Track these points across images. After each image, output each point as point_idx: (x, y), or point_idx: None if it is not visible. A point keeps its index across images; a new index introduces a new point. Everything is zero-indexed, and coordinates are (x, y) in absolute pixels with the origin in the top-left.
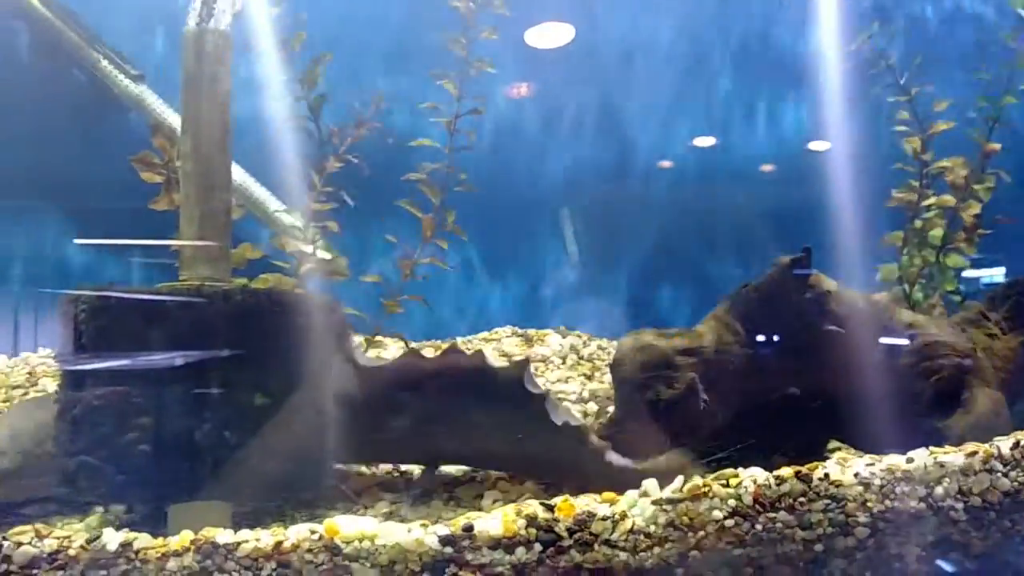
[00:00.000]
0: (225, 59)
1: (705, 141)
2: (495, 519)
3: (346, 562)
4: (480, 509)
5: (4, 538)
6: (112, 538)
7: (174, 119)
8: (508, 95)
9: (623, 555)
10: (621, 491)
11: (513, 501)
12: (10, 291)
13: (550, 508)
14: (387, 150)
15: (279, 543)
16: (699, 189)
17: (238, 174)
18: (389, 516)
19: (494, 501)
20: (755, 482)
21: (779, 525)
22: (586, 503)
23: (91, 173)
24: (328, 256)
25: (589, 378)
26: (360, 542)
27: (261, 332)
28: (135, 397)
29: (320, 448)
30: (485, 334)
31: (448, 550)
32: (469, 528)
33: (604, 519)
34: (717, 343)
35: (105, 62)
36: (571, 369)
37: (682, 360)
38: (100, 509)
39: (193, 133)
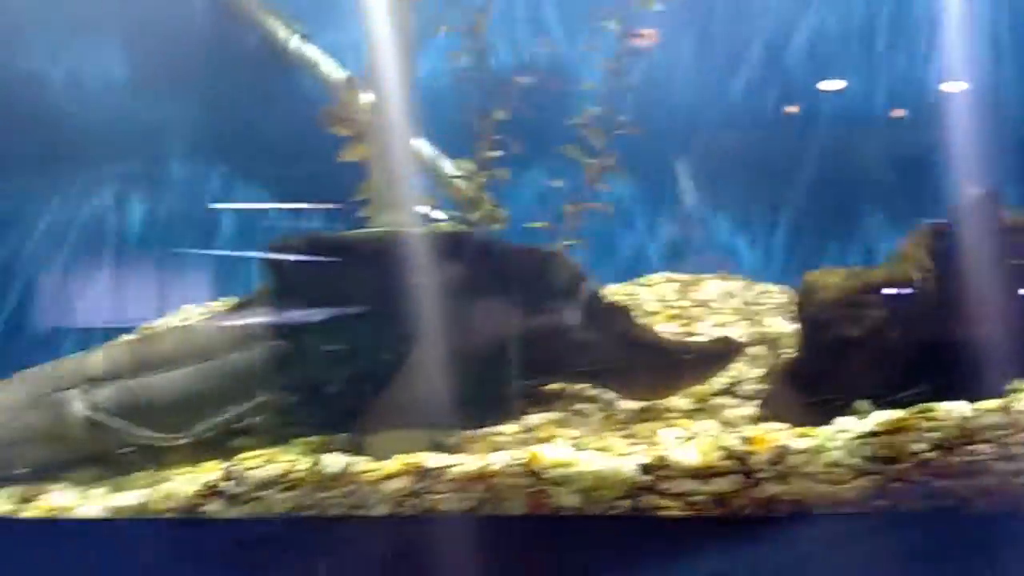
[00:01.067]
0: (407, 14)
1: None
2: (691, 450)
3: (548, 487)
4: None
5: (238, 462)
6: (334, 462)
7: (338, 77)
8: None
9: (821, 487)
10: None
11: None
12: (206, 245)
13: (746, 440)
14: (551, 95)
15: (485, 467)
16: (846, 134)
17: None
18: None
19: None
20: (956, 414)
21: (981, 457)
22: (783, 436)
23: (265, 131)
24: (491, 205)
25: (753, 322)
26: (561, 468)
27: (451, 271)
28: (342, 335)
29: (508, 378)
30: (642, 279)
31: (647, 478)
32: (664, 458)
33: (801, 452)
34: (906, 280)
35: (276, 22)
36: (733, 314)
37: (869, 298)
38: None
39: (380, 87)
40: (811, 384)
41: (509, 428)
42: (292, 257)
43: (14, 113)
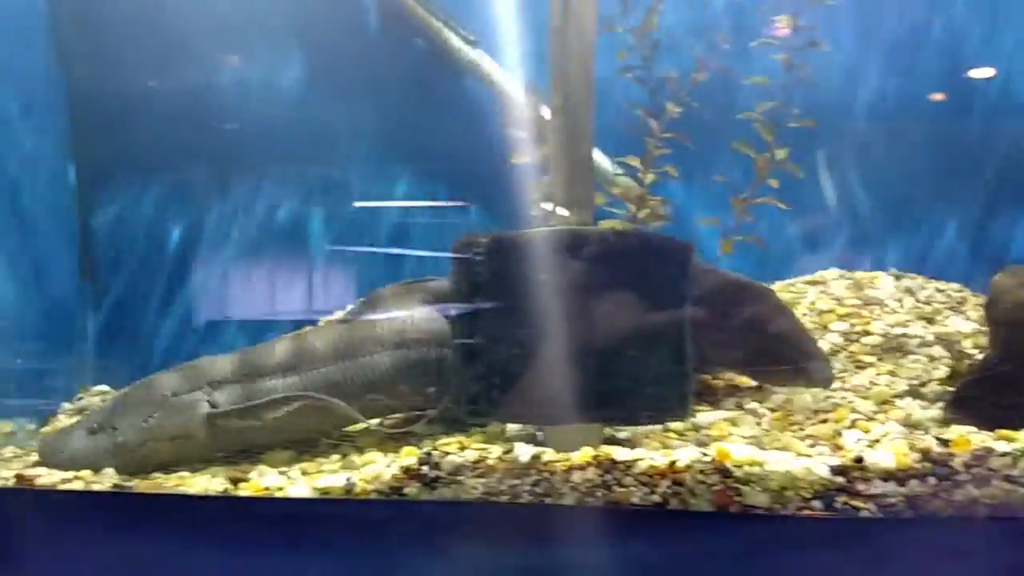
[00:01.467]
0: (591, 16)
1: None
2: (885, 452)
3: (737, 485)
4: None
5: (434, 448)
6: (524, 451)
7: (506, 81)
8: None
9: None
10: None
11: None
12: (378, 245)
13: (944, 443)
14: (724, 91)
15: (673, 463)
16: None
17: None
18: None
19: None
20: None
21: None
22: (982, 439)
23: (433, 136)
24: (657, 200)
25: (930, 322)
26: (750, 467)
27: (631, 271)
28: (523, 329)
29: (684, 374)
30: (810, 276)
31: (839, 479)
32: (859, 460)
33: (1004, 455)
34: None
35: (444, 29)
36: (909, 313)
37: None
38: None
39: (561, 87)
40: (1005, 386)
41: (677, 425)
42: (474, 255)
43: (200, 118)
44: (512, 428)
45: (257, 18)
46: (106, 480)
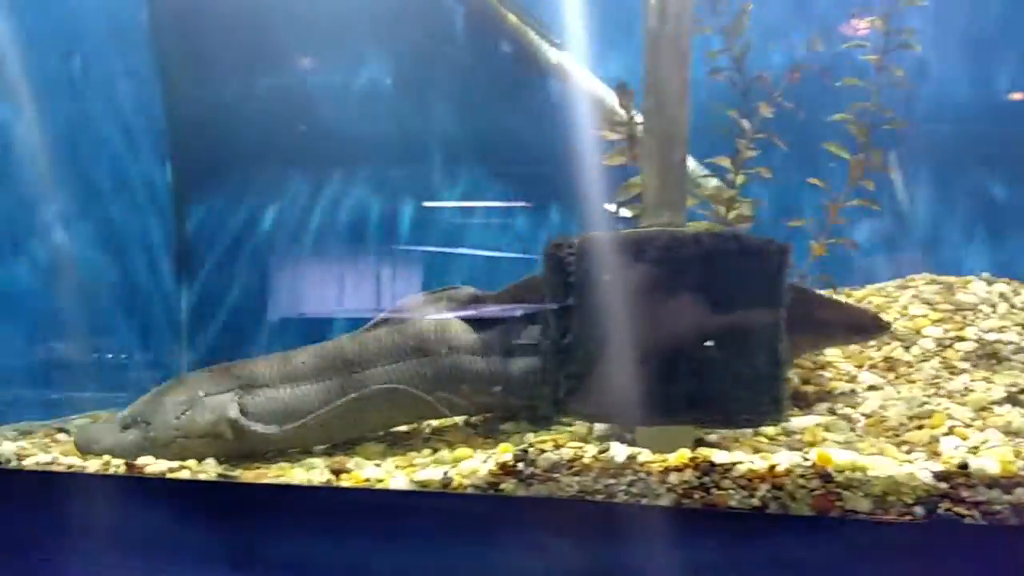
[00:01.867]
0: (686, 19)
1: None
2: (990, 459)
3: (838, 490)
4: None
5: (530, 445)
6: (620, 451)
7: (593, 84)
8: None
9: None
10: None
11: None
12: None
13: None
14: (816, 93)
15: (773, 467)
16: None
17: None
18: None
19: None
20: None
21: None
22: None
23: (520, 138)
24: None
25: None
26: (852, 472)
27: (727, 272)
28: (617, 330)
29: (780, 377)
30: (900, 280)
31: (943, 486)
32: (964, 466)
33: None
34: None
35: (532, 33)
36: (1003, 318)
37: None
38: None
39: (656, 90)
40: None
41: (768, 429)
42: (566, 256)
43: (290, 120)
44: (599, 427)
45: (346, 22)
46: (211, 470)
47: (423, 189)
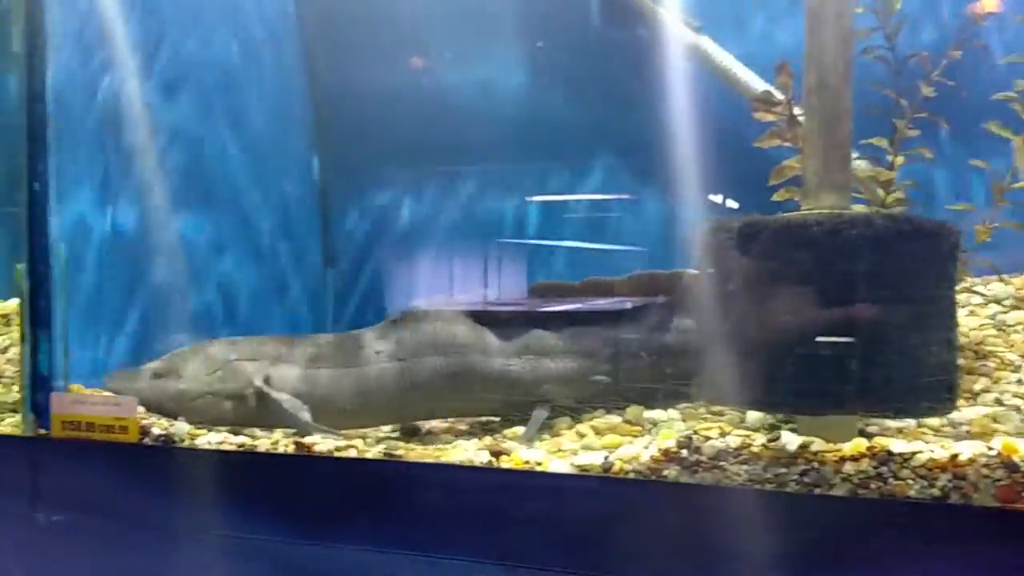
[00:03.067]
0: None
1: None
2: None
3: None
4: None
5: (695, 432)
6: (791, 440)
7: (734, 67)
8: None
9: None
10: None
11: None
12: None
13: None
14: (978, 71)
15: (954, 456)
16: None
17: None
18: None
19: None
20: None
21: None
22: None
23: (652, 128)
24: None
25: None
26: None
27: (899, 256)
28: (781, 316)
29: (955, 364)
30: None
31: None
32: None
33: None
34: None
35: (668, 17)
36: None
37: None
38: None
39: (818, 68)
40: None
41: (932, 421)
42: (726, 240)
43: (430, 115)
44: (752, 416)
45: (482, 15)
46: (373, 450)
47: (560, 182)
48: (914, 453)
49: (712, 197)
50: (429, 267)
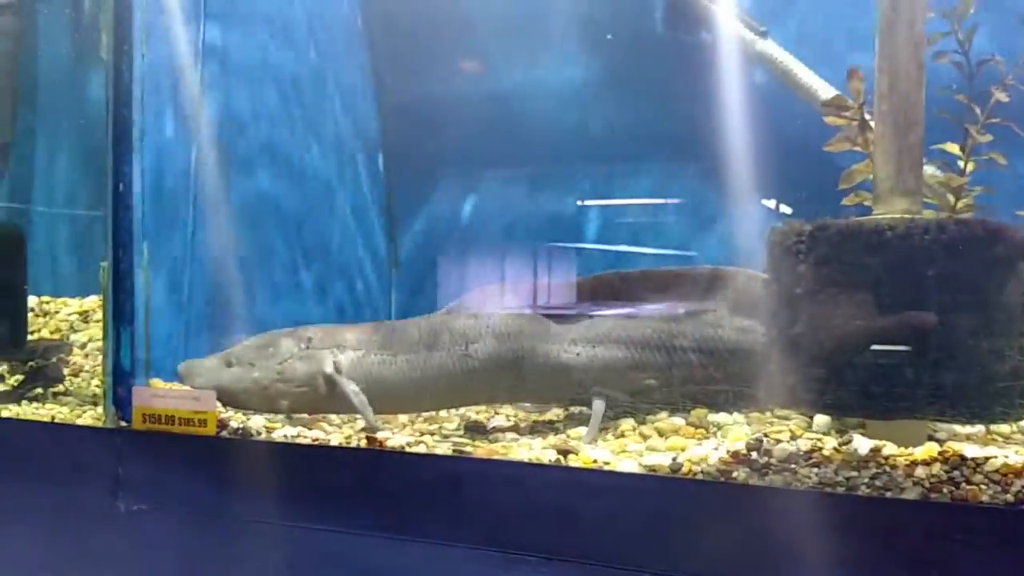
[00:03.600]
0: (920, 2)
1: None
2: None
3: None
4: None
5: (765, 435)
6: (862, 443)
7: (800, 71)
8: None
9: None
10: None
11: None
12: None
13: None
14: None
15: None
16: None
17: None
18: None
19: None
20: None
21: None
22: None
23: (719, 132)
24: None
25: None
26: None
27: (972, 261)
28: (854, 320)
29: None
30: None
31: None
32: None
33: None
34: None
35: (736, 21)
36: None
37: None
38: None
39: (890, 73)
40: None
41: (1003, 428)
42: (796, 244)
43: (492, 119)
44: (819, 420)
45: (545, 19)
46: (442, 446)
47: (629, 187)
48: (987, 458)
49: (773, 202)
50: (487, 267)
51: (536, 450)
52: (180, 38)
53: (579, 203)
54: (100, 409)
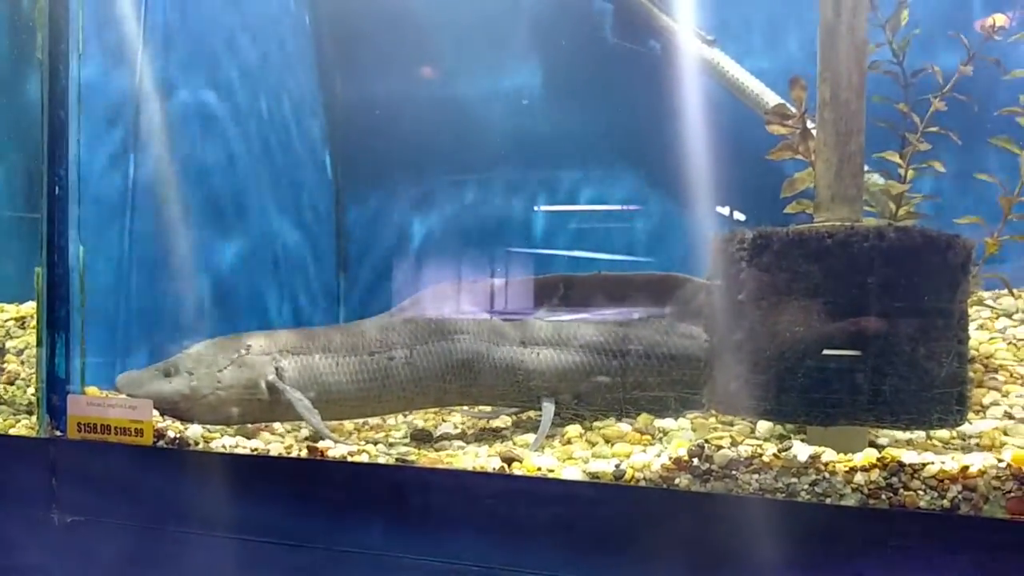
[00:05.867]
0: (861, 11)
1: None
2: None
3: None
4: None
5: (706, 441)
6: (802, 450)
7: (746, 80)
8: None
9: None
10: None
11: None
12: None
13: None
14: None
15: (965, 468)
16: None
17: None
18: None
19: None
20: None
21: None
22: None
23: (667, 139)
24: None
25: None
26: None
27: (911, 268)
28: (793, 326)
29: (965, 378)
30: None
31: None
32: None
33: None
34: None
35: (681, 29)
36: None
37: None
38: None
39: (832, 82)
40: None
41: (942, 433)
42: (737, 251)
43: (439, 125)
44: (762, 426)
45: (495, 26)
46: (385, 456)
47: (578, 192)
48: (924, 464)
49: (722, 209)
50: (437, 272)
51: (482, 458)
52: (124, 33)
53: (530, 209)
54: (35, 418)
